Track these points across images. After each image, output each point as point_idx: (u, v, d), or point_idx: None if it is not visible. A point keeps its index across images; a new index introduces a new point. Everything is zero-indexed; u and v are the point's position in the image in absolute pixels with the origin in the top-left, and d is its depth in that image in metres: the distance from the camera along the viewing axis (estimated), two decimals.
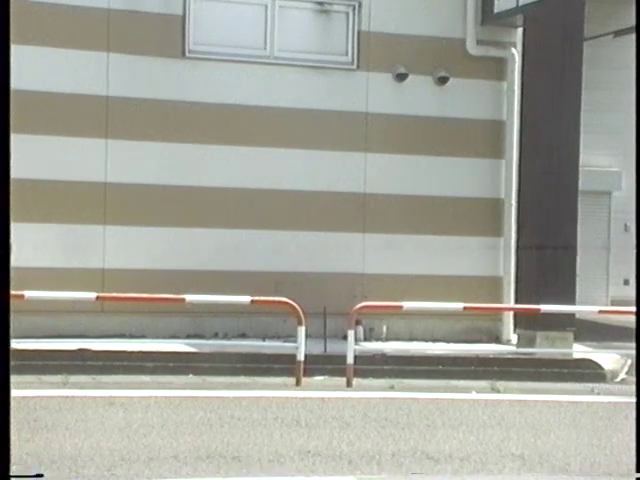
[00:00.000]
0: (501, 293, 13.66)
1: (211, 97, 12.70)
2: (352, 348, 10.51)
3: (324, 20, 13.23)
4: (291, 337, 11.13)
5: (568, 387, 10.88)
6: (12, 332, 2.74)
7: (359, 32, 13.24)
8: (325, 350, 11.68)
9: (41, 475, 2.89)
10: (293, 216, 12.98)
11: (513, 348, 12.96)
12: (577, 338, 12.85)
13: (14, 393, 2.82)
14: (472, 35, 13.53)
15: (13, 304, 2.75)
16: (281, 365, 10.76)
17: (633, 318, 4.76)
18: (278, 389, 9.68)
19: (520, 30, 13.67)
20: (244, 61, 12.82)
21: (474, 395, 9.62)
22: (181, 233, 12.58)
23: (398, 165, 13.38)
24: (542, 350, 12.49)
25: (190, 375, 10.74)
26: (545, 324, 12.46)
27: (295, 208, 13.01)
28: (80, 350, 10.90)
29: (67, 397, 8.57)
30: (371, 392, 9.62)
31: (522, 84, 13.60)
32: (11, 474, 2.78)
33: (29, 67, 11.61)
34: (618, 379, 12.00)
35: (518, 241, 13.46)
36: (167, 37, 12.56)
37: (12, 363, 2.77)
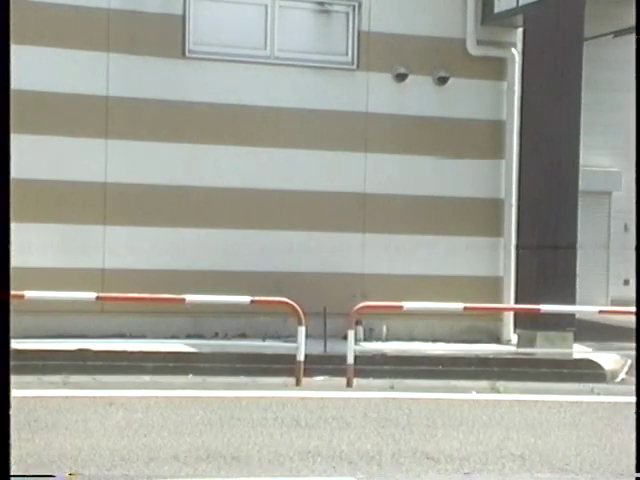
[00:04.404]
0: (501, 293, 13.67)
1: (211, 97, 12.70)
2: (352, 348, 10.51)
3: (324, 20, 13.23)
4: (291, 337, 11.13)
5: (568, 387, 10.88)
6: (12, 332, 2.74)
7: (359, 32, 13.24)
8: (325, 350, 11.68)
9: (46, 475, 2.89)
10: (293, 216, 12.98)
11: (513, 348, 12.96)
12: (577, 338, 12.85)
13: (14, 393, 2.82)
14: (472, 35, 13.53)
15: (13, 304, 2.75)
16: (281, 365, 10.75)
17: (633, 318, 4.75)
18: (278, 389, 9.68)
19: (520, 30, 13.67)
20: (244, 61, 12.83)
21: (474, 395, 9.61)
22: (181, 233, 12.58)
23: (398, 165, 13.38)
24: (542, 350, 12.48)
25: (190, 375, 10.74)
26: (545, 324, 12.46)
27: (295, 208, 13.01)
28: (80, 350, 10.91)
29: (67, 397, 8.56)
30: (371, 392, 9.61)
31: (522, 84, 13.60)
32: (11, 474, 2.78)
33: (29, 67, 11.61)
34: (618, 379, 12.00)
35: (518, 241, 13.46)
36: (167, 37, 12.56)
37: (12, 363, 2.77)
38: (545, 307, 11.59)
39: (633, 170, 4.63)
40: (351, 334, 10.58)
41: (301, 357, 10.32)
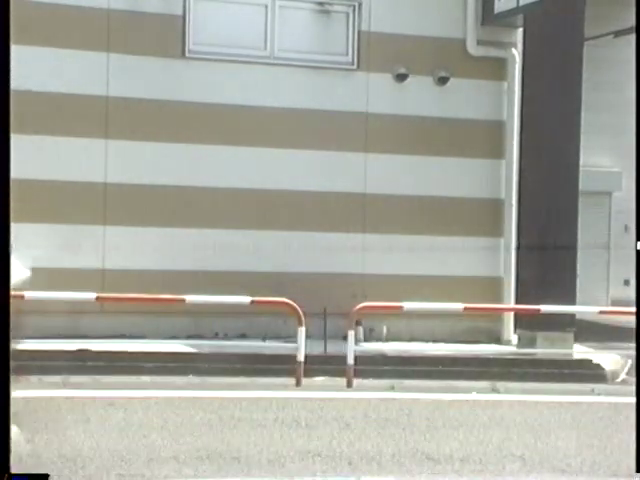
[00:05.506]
0: (501, 293, 13.65)
1: (211, 97, 12.69)
2: (352, 348, 10.50)
3: (324, 20, 13.22)
4: (291, 337, 11.12)
5: (568, 388, 10.87)
6: (12, 332, 2.73)
7: (359, 32, 13.23)
8: (325, 350, 11.67)
9: (47, 475, 2.88)
10: (293, 216, 12.97)
11: (513, 348, 12.96)
12: (577, 338, 12.84)
13: (14, 393, 2.82)
14: (472, 35, 13.52)
15: (13, 304, 2.75)
16: (281, 366, 10.73)
17: (633, 318, 4.75)
18: (278, 390, 9.67)
19: (520, 30, 13.67)
20: (244, 61, 12.82)
21: (474, 396, 9.61)
22: (181, 233, 12.57)
23: (398, 165, 13.37)
24: (542, 351, 12.48)
25: (190, 375, 10.74)
26: (545, 324, 12.46)
27: (295, 208, 13.00)
28: (80, 350, 10.89)
29: (67, 397, 8.56)
30: (371, 393, 9.61)
31: (522, 84, 13.59)
32: (11, 474, 2.77)
33: (29, 67, 11.60)
34: (618, 380, 12.00)
35: (518, 241, 13.46)
36: (167, 37, 12.55)
37: (12, 363, 2.77)
38: (545, 307, 11.58)
39: (633, 170, 4.62)
40: (351, 334, 10.57)
41: (301, 357, 10.31)
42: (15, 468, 3.18)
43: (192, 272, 12.46)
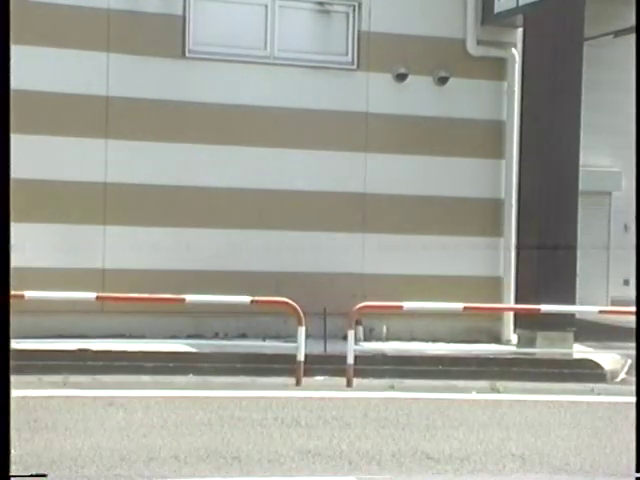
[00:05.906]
0: (501, 293, 13.66)
1: (211, 97, 12.70)
2: (352, 348, 10.51)
3: (324, 20, 13.23)
4: (291, 337, 11.13)
5: (568, 387, 10.88)
6: (12, 332, 2.74)
7: (359, 32, 13.24)
8: (325, 350, 11.68)
9: (44, 475, 2.89)
10: (293, 216, 12.98)
11: (513, 348, 12.96)
12: (577, 338, 12.85)
13: (14, 393, 2.82)
14: (472, 35, 13.52)
15: (13, 304, 2.75)
16: (281, 365, 10.75)
17: (633, 318, 4.76)
18: (278, 389, 9.68)
19: (520, 30, 13.67)
20: (244, 61, 12.82)
21: (474, 395, 9.62)
22: (181, 233, 12.57)
23: (398, 165, 13.37)
24: (542, 350, 12.48)
25: (190, 375, 10.75)
26: (545, 324, 12.46)
27: (295, 208, 13.01)
28: (80, 350, 10.91)
29: (67, 397, 8.57)
30: (371, 392, 9.62)
31: (522, 84, 13.60)
32: (11, 474, 2.78)
33: (29, 67, 11.61)
34: (618, 379, 12.00)
35: (518, 241, 13.46)
36: (167, 37, 12.55)
37: (12, 363, 2.77)
38: (545, 307, 11.59)
39: (633, 170, 4.63)
40: (351, 334, 10.58)
41: (301, 357, 10.32)
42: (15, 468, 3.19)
43: (192, 272, 12.47)
